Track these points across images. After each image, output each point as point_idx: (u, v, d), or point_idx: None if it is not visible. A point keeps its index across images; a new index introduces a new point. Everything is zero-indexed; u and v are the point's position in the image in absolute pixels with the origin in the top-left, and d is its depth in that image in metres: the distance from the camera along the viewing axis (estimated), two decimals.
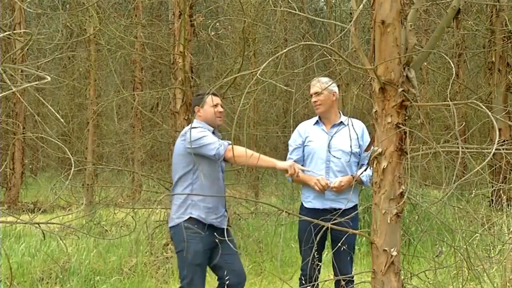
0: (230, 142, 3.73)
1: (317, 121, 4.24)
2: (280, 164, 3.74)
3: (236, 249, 4.01)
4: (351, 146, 3.87)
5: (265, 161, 3.78)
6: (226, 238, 3.69)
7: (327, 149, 4.04)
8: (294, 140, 4.25)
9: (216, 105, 3.93)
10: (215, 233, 3.79)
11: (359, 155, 4.13)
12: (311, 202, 4.12)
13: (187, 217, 3.78)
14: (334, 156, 4.01)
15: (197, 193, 3.76)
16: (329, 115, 4.18)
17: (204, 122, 3.93)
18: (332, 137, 4.06)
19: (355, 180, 3.99)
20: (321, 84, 4.12)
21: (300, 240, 4.16)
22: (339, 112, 4.24)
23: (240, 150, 3.66)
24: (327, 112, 4.17)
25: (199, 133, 3.74)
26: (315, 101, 4.14)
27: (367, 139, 4.14)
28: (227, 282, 3.84)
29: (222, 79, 8.23)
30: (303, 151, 4.20)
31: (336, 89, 4.24)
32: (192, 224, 3.76)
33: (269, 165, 3.83)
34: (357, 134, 4.07)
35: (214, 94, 3.99)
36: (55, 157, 14.80)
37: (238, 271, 3.93)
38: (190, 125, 3.72)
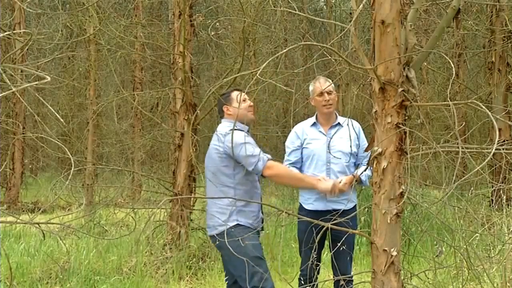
0: (270, 157, 3.57)
1: (314, 122, 4.22)
2: (322, 186, 3.70)
3: None
4: (351, 147, 3.88)
5: (306, 182, 3.72)
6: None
7: (327, 151, 4.04)
8: (292, 142, 4.22)
9: (244, 100, 3.76)
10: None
11: (357, 155, 4.13)
12: (313, 204, 4.10)
13: (233, 224, 3.58)
14: (335, 157, 4.01)
15: (241, 198, 3.57)
16: (330, 116, 4.18)
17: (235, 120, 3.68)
18: (331, 138, 4.05)
19: (355, 180, 3.99)
20: (328, 84, 4.13)
21: (300, 241, 4.16)
22: (336, 113, 4.24)
23: (279, 170, 3.57)
24: (331, 112, 4.17)
25: (241, 139, 3.52)
26: (328, 100, 4.10)
27: (363, 139, 4.16)
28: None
29: (222, 79, 8.23)
30: (301, 153, 4.19)
31: None
32: (240, 228, 3.58)
33: (310, 187, 3.78)
34: (356, 134, 4.08)
35: (239, 90, 3.85)
36: (55, 157, 14.81)
37: None
38: (222, 126, 3.68)
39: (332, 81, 4.34)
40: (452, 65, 3.00)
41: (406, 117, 2.81)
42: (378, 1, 2.76)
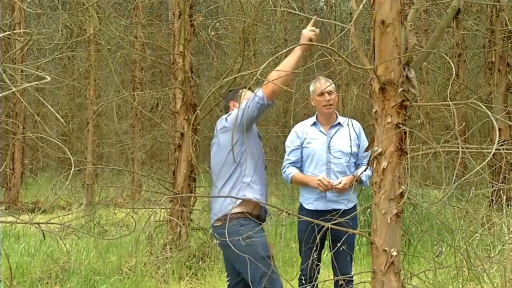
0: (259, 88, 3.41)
1: (314, 122, 4.21)
2: (307, 33, 3.42)
3: None
4: (351, 147, 3.88)
5: (295, 56, 3.38)
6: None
7: (327, 151, 4.04)
8: (292, 141, 4.22)
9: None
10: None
11: (357, 155, 4.13)
12: (313, 204, 4.10)
13: (240, 200, 3.39)
14: (335, 157, 4.01)
15: (248, 174, 3.41)
16: (331, 116, 4.18)
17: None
18: (331, 138, 4.06)
19: (356, 180, 3.99)
20: (329, 84, 4.13)
21: (300, 241, 4.16)
22: (336, 113, 4.24)
23: (272, 79, 3.30)
24: (332, 113, 4.17)
25: (235, 110, 3.44)
26: (329, 100, 4.10)
27: (363, 139, 4.16)
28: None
29: (222, 79, 8.23)
30: (302, 152, 4.19)
31: None
32: (248, 227, 3.36)
33: (300, 54, 3.42)
34: (357, 134, 4.08)
35: (248, 88, 3.74)
36: (55, 157, 14.81)
37: None
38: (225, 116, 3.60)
39: (332, 81, 4.34)
40: (452, 65, 3.00)
41: (406, 117, 2.81)
42: (378, 1, 2.76)
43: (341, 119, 4.20)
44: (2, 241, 7.04)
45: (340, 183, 3.97)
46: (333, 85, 4.19)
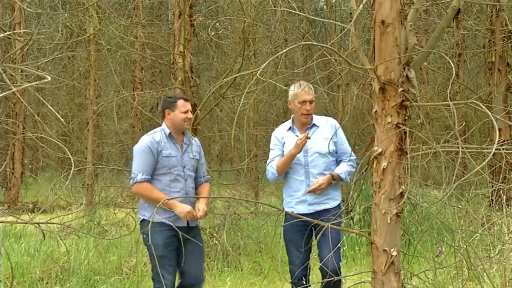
0: (142, 179, 3.84)
1: (290, 127, 4.17)
2: (178, 209, 3.80)
3: (202, 250, 4.06)
4: (329, 146, 3.87)
5: (164, 203, 3.79)
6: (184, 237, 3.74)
7: (304, 154, 4.01)
8: (275, 144, 4.19)
9: (186, 112, 4.00)
10: (177, 230, 3.77)
11: (336, 152, 4.09)
12: (294, 208, 4.05)
13: (141, 218, 3.99)
14: (325, 155, 4.00)
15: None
16: (307, 121, 4.16)
17: (171, 125, 4.00)
18: (306, 141, 3.99)
19: (334, 178, 3.95)
20: (311, 91, 4.09)
21: (286, 241, 4.09)
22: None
23: (141, 191, 3.86)
24: (309, 119, 4.15)
25: (140, 148, 3.90)
26: (309, 110, 4.06)
27: (341, 136, 4.11)
28: (182, 283, 3.94)
29: (222, 79, 8.23)
30: (282, 155, 4.14)
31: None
32: (145, 224, 3.89)
33: (168, 207, 3.84)
34: (335, 133, 4.03)
35: (185, 100, 4.07)
36: (55, 157, 14.79)
37: (194, 273, 3.98)
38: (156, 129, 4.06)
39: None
40: (452, 65, 3.01)
41: (406, 117, 2.81)
42: (378, 1, 2.76)
43: (316, 120, 4.14)
44: (2, 241, 7.04)
45: (316, 183, 3.92)
46: (313, 92, 4.14)
